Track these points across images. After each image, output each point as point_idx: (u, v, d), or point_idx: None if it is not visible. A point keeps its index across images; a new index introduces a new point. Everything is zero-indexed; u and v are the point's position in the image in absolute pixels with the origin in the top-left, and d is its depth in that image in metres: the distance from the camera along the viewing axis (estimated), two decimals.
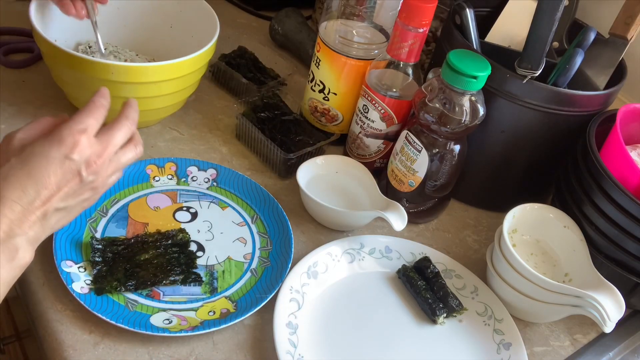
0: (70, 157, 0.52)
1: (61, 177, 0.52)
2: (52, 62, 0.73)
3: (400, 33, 0.72)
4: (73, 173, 0.53)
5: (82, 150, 0.53)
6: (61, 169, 0.52)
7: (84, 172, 0.53)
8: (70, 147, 0.52)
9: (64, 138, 0.52)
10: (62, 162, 0.52)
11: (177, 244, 0.67)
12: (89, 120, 0.55)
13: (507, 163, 0.79)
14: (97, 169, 0.54)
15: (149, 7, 0.87)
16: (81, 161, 0.53)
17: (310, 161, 0.77)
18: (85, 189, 0.54)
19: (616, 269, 0.69)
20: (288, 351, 0.60)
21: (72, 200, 0.53)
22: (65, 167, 0.52)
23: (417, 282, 0.69)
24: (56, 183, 0.52)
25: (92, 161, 0.54)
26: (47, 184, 0.51)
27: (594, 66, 0.77)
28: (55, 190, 0.52)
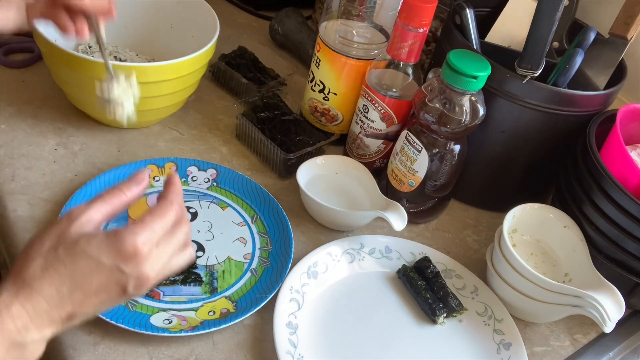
0: (122, 270, 0.46)
1: (104, 286, 0.46)
2: (52, 62, 0.73)
3: (400, 33, 0.72)
4: (119, 284, 0.47)
5: (139, 264, 0.46)
6: (108, 278, 0.46)
7: (131, 286, 0.47)
8: (126, 259, 0.46)
9: (123, 247, 0.46)
10: (111, 272, 0.46)
11: None
12: (156, 227, 0.48)
13: (507, 163, 0.79)
14: (147, 285, 0.48)
15: (149, 7, 0.87)
16: (133, 275, 0.47)
17: (310, 161, 0.77)
18: (122, 299, 0.48)
19: (616, 269, 0.69)
20: (288, 351, 0.60)
21: (104, 307, 0.48)
22: (114, 277, 0.46)
23: (417, 282, 0.69)
24: (96, 290, 0.46)
25: (144, 278, 0.47)
26: (86, 289, 0.46)
27: (594, 66, 0.77)
28: (92, 295, 0.46)
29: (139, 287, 0.47)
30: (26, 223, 0.66)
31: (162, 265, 0.49)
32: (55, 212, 0.67)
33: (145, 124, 0.82)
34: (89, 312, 0.47)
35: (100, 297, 0.47)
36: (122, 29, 0.87)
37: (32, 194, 0.69)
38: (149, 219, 0.48)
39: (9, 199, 0.68)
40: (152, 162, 0.75)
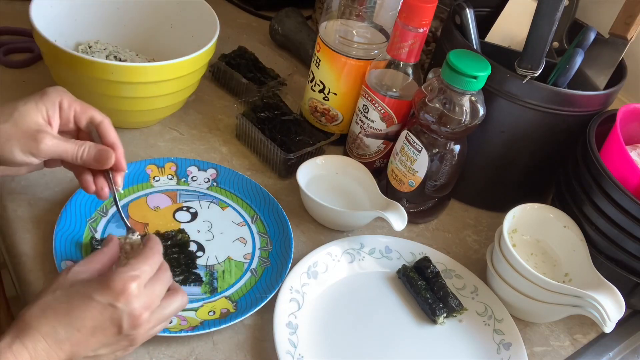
0: (115, 305, 0.48)
1: (99, 324, 0.48)
2: (52, 62, 0.73)
3: (400, 33, 0.72)
4: (113, 322, 0.48)
5: (129, 299, 0.49)
6: (102, 315, 0.48)
7: (126, 324, 0.49)
8: (116, 294, 0.48)
9: (113, 283, 0.48)
10: (104, 308, 0.48)
11: (176, 244, 0.67)
12: (144, 267, 0.51)
13: (507, 163, 0.79)
14: (141, 323, 0.50)
15: (149, 7, 0.87)
16: (125, 311, 0.49)
17: (310, 161, 0.77)
18: (122, 341, 0.50)
19: (616, 269, 0.69)
20: (288, 351, 0.60)
21: (104, 349, 0.49)
22: (107, 314, 0.48)
23: (417, 282, 0.69)
24: (91, 328, 0.48)
25: (137, 314, 0.49)
26: (81, 327, 0.47)
27: (594, 66, 0.77)
28: (89, 335, 0.48)
29: (134, 326, 0.49)
30: (26, 223, 0.66)
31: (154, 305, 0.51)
32: (55, 212, 0.67)
33: (145, 124, 0.82)
34: (88, 354, 0.49)
35: (98, 337, 0.48)
36: (122, 29, 0.87)
37: (32, 194, 0.69)
38: (135, 261, 0.51)
39: (9, 199, 0.68)
40: (152, 162, 0.75)
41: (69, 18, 0.81)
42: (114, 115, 0.77)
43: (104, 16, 0.86)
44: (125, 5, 0.86)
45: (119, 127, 0.80)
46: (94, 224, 0.67)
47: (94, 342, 0.48)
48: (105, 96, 0.73)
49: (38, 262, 0.63)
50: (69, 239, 0.64)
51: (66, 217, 0.66)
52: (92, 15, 0.84)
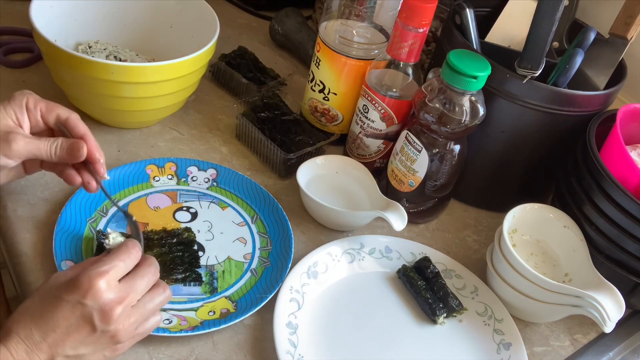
0: (83, 302, 0.49)
1: (72, 323, 0.49)
2: (52, 62, 0.73)
3: (400, 33, 0.72)
4: (85, 319, 0.49)
5: (96, 295, 0.49)
6: (72, 313, 0.49)
7: (97, 320, 0.49)
8: (83, 292, 0.49)
9: (79, 281, 0.49)
10: (73, 307, 0.49)
11: (182, 242, 0.67)
12: (115, 262, 0.51)
13: (507, 163, 0.79)
14: (114, 317, 0.49)
15: (149, 7, 0.87)
16: (94, 307, 0.49)
17: (310, 161, 0.77)
18: (102, 338, 0.50)
19: (616, 269, 0.69)
20: (288, 351, 0.60)
21: (85, 348, 0.50)
22: (77, 312, 0.49)
23: (417, 282, 0.69)
24: (65, 328, 0.48)
25: (108, 309, 0.49)
26: (55, 327, 0.48)
27: (594, 66, 0.77)
28: (63, 335, 0.48)
29: (107, 322, 0.49)
30: (26, 223, 0.66)
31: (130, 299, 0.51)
32: (55, 212, 0.67)
33: (145, 124, 0.82)
34: (70, 354, 0.49)
35: (73, 336, 0.49)
36: (122, 29, 0.87)
37: (32, 194, 0.69)
38: (106, 258, 0.52)
39: (9, 199, 0.68)
40: (152, 162, 0.75)
41: (69, 18, 0.81)
42: (114, 115, 0.78)
43: (104, 16, 0.85)
44: (125, 5, 0.86)
45: (119, 127, 0.80)
46: (94, 224, 0.67)
47: (70, 341, 0.49)
48: (105, 96, 0.73)
49: (38, 262, 0.63)
50: (69, 239, 0.64)
51: (66, 217, 0.66)
52: (92, 15, 0.84)
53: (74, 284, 0.49)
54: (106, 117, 0.79)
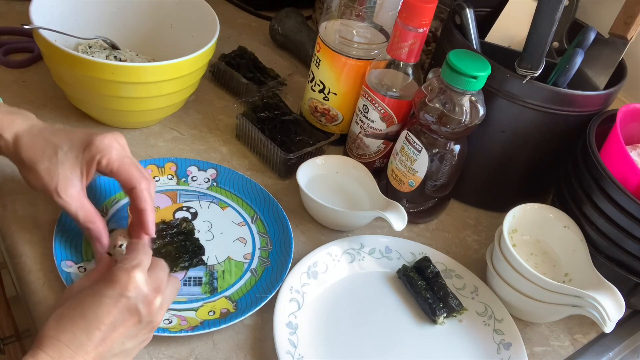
0: (126, 295, 0.49)
1: (117, 317, 0.49)
2: (52, 62, 0.73)
3: (400, 33, 0.72)
4: (130, 312, 0.49)
5: (137, 287, 0.50)
6: (116, 308, 0.49)
7: (143, 310, 0.50)
8: (124, 285, 0.49)
9: (117, 276, 0.50)
10: (116, 301, 0.49)
11: (181, 232, 0.67)
12: (140, 256, 0.53)
13: (507, 163, 0.79)
14: (156, 307, 0.51)
15: (149, 7, 0.87)
16: (138, 298, 0.50)
17: (310, 161, 0.77)
18: (145, 329, 0.51)
19: (616, 269, 0.69)
20: (288, 351, 0.60)
21: (130, 342, 0.50)
22: (121, 305, 0.49)
23: (417, 282, 0.69)
24: (111, 324, 0.48)
25: (150, 299, 0.50)
26: (100, 325, 0.48)
27: (594, 66, 0.77)
28: (109, 331, 0.48)
29: (151, 311, 0.50)
30: (26, 223, 0.66)
31: (162, 288, 0.52)
32: (55, 212, 0.67)
33: (145, 124, 0.82)
34: (116, 351, 0.49)
35: (119, 331, 0.49)
36: (122, 29, 0.87)
37: (32, 194, 0.69)
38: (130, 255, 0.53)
39: (9, 199, 0.68)
40: (152, 162, 0.75)
41: (69, 18, 0.81)
42: (114, 116, 0.78)
43: (104, 16, 0.85)
44: (125, 5, 0.86)
45: (119, 127, 0.80)
46: None
47: (117, 337, 0.49)
48: (105, 96, 0.73)
49: (38, 262, 0.63)
50: (69, 239, 0.64)
51: (66, 217, 0.65)
52: (92, 15, 0.84)
53: (111, 280, 0.50)
54: (106, 117, 0.79)
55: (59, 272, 0.60)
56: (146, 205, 0.59)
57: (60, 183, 0.57)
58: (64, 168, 0.57)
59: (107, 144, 0.58)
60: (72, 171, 0.57)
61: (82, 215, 0.58)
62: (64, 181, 0.57)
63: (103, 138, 0.58)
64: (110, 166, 0.58)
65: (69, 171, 0.57)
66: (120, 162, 0.58)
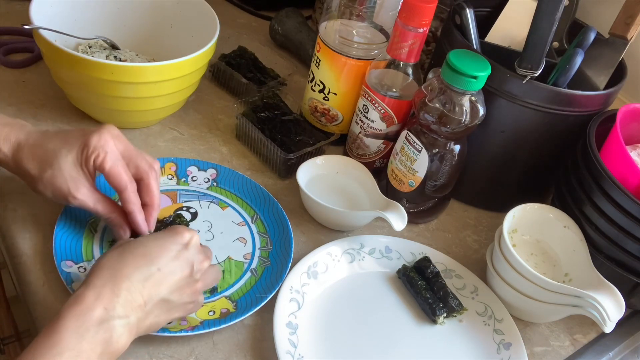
0: (187, 248, 0.54)
1: (177, 264, 0.53)
2: (52, 62, 0.73)
3: (400, 33, 0.72)
4: (187, 263, 0.54)
5: (196, 246, 0.55)
6: (177, 258, 0.53)
7: (196, 265, 0.55)
8: (187, 240, 0.55)
9: (180, 231, 0.55)
10: (179, 251, 0.54)
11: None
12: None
13: (507, 163, 0.79)
14: (205, 268, 0.56)
15: (149, 7, 0.87)
16: (195, 255, 0.55)
17: (310, 161, 0.77)
18: (190, 288, 0.55)
19: (616, 269, 0.69)
20: (288, 351, 0.60)
21: (177, 295, 0.54)
22: (182, 256, 0.54)
23: (417, 282, 0.69)
24: (170, 269, 0.52)
25: (202, 258, 0.56)
26: (162, 267, 0.52)
27: (594, 66, 0.77)
28: (168, 275, 0.52)
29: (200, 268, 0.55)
30: (26, 223, 0.66)
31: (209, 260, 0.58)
32: (55, 212, 0.67)
33: (145, 124, 0.82)
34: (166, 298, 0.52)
35: (174, 277, 0.53)
36: (122, 29, 0.87)
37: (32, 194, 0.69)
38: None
39: (9, 199, 0.68)
40: None
41: (69, 18, 0.81)
42: (114, 116, 0.78)
43: (104, 16, 0.86)
44: (125, 5, 0.86)
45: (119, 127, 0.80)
46: (94, 224, 0.67)
47: (171, 283, 0.52)
48: (105, 96, 0.73)
49: (38, 262, 0.63)
50: (69, 239, 0.64)
51: (66, 217, 0.66)
52: (92, 15, 0.84)
53: (176, 232, 0.55)
54: (106, 117, 0.79)
55: (59, 272, 0.60)
56: (132, 207, 0.61)
57: (70, 185, 0.58)
58: (68, 171, 0.58)
59: (102, 144, 0.59)
60: (76, 172, 0.59)
61: (102, 208, 0.61)
62: (73, 183, 0.58)
63: (99, 138, 0.59)
64: (102, 167, 0.59)
65: (74, 173, 0.58)
66: (111, 165, 0.59)
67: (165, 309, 0.53)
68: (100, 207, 0.60)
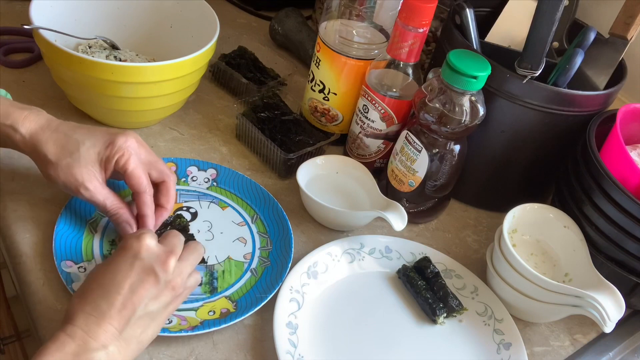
0: (139, 257, 0.52)
1: (134, 279, 0.51)
2: (52, 62, 0.73)
3: (400, 33, 0.72)
4: (146, 271, 0.52)
5: (149, 249, 0.53)
6: (132, 270, 0.51)
7: (158, 268, 0.52)
8: (136, 250, 0.53)
9: (127, 243, 0.53)
10: (131, 265, 0.52)
11: (175, 228, 0.67)
12: (145, 229, 0.59)
13: (507, 163, 0.79)
14: (171, 266, 0.53)
15: (149, 7, 0.87)
16: (152, 258, 0.53)
17: (310, 161, 0.77)
18: (164, 290, 0.53)
19: (616, 269, 0.69)
20: (288, 351, 0.60)
21: (153, 304, 0.52)
22: (136, 267, 0.52)
23: (417, 282, 0.69)
24: (130, 287, 0.51)
25: (164, 258, 0.53)
26: (119, 289, 0.50)
27: (594, 66, 0.77)
28: (129, 294, 0.50)
29: (166, 269, 0.53)
30: (26, 223, 0.66)
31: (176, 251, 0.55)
32: (55, 212, 0.67)
33: (145, 124, 0.82)
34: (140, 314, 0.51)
35: (140, 292, 0.51)
36: (122, 29, 0.87)
37: (32, 194, 0.69)
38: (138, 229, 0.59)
39: (9, 199, 0.68)
40: None
41: (69, 18, 0.81)
42: (114, 116, 0.78)
43: (104, 16, 0.86)
44: (125, 5, 0.86)
45: (119, 127, 0.80)
46: (94, 224, 0.67)
47: (138, 299, 0.51)
48: (105, 96, 0.73)
49: (38, 262, 0.63)
50: (69, 239, 0.64)
51: (66, 217, 0.66)
52: (92, 15, 0.84)
53: (123, 248, 0.53)
54: (106, 117, 0.79)
55: (59, 272, 0.60)
56: (147, 210, 0.62)
57: (85, 177, 0.59)
58: (86, 163, 0.59)
59: (128, 145, 0.61)
60: (93, 166, 0.60)
61: (110, 204, 0.61)
62: (87, 175, 0.59)
63: (125, 140, 0.61)
64: (125, 167, 0.60)
65: (90, 166, 0.60)
66: (134, 166, 0.60)
67: (148, 321, 0.52)
68: (108, 202, 0.61)
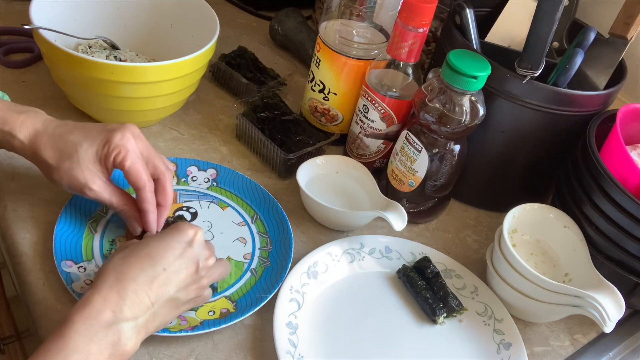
0: (192, 245, 0.55)
1: (182, 263, 0.53)
2: (52, 62, 0.73)
3: (400, 33, 0.72)
4: (192, 260, 0.54)
5: (200, 243, 0.56)
6: (184, 254, 0.54)
7: (201, 262, 0.55)
8: (191, 237, 0.55)
9: (184, 229, 0.55)
10: (184, 249, 0.54)
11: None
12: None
13: (507, 163, 0.79)
14: (210, 265, 0.56)
15: (149, 7, 0.87)
16: (199, 252, 0.55)
17: (310, 161, 0.77)
18: (196, 284, 0.55)
19: (616, 269, 0.69)
20: (288, 351, 0.60)
21: (184, 293, 0.54)
22: (186, 254, 0.54)
23: (417, 282, 0.69)
24: (176, 269, 0.53)
25: (207, 255, 0.56)
26: (169, 266, 0.52)
27: (594, 66, 0.77)
28: (173, 274, 0.53)
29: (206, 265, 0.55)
30: (26, 223, 0.66)
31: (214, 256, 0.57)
32: (55, 212, 0.67)
33: (145, 124, 0.82)
34: (173, 297, 0.53)
35: (180, 276, 0.53)
36: (122, 29, 0.87)
37: (32, 194, 0.69)
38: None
39: (9, 199, 0.68)
40: None
41: (69, 18, 0.81)
42: (114, 116, 0.78)
43: (104, 16, 0.86)
44: (125, 5, 0.86)
45: None
46: (94, 224, 0.67)
47: (177, 281, 0.53)
48: (105, 96, 0.73)
49: (38, 262, 0.63)
50: (69, 239, 0.64)
51: (66, 217, 0.66)
52: (92, 16, 0.84)
53: (180, 230, 0.55)
54: (106, 117, 0.79)
55: (59, 272, 0.60)
56: (147, 206, 0.62)
57: (87, 178, 0.60)
58: (87, 164, 0.60)
59: (124, 142, 0.60)
60: (94, 165, 0.60)
61: (117, 200, 0.62)
62: (90, 176, 0.60)
63: (121, 136, 0.60)
64: (122, 164, 0.60)
65: (91, 166, 0.60)
66: (131, 163, 0.60)
67: (172, 307, 0.54)
68: (115, 200, 0.61)
